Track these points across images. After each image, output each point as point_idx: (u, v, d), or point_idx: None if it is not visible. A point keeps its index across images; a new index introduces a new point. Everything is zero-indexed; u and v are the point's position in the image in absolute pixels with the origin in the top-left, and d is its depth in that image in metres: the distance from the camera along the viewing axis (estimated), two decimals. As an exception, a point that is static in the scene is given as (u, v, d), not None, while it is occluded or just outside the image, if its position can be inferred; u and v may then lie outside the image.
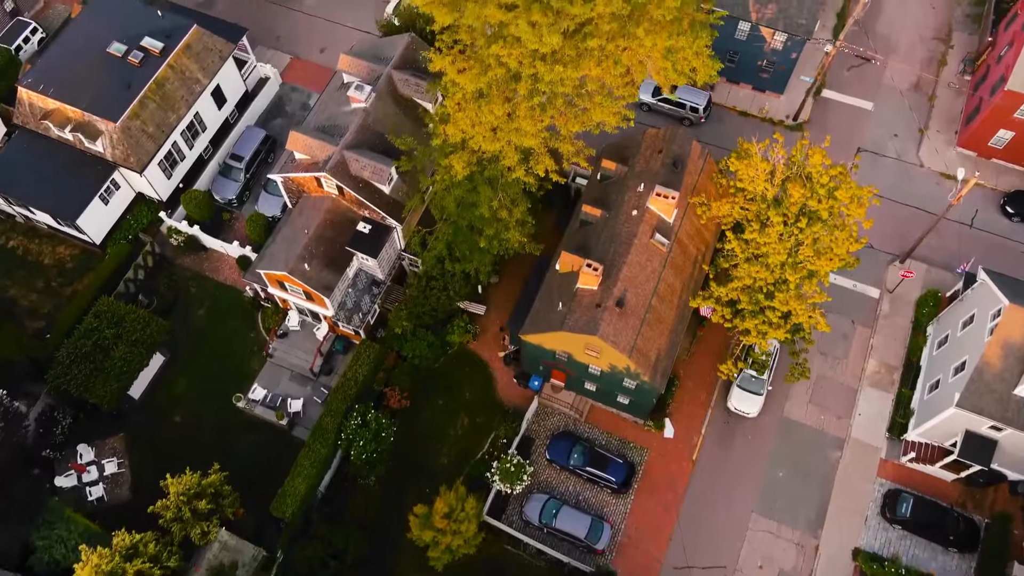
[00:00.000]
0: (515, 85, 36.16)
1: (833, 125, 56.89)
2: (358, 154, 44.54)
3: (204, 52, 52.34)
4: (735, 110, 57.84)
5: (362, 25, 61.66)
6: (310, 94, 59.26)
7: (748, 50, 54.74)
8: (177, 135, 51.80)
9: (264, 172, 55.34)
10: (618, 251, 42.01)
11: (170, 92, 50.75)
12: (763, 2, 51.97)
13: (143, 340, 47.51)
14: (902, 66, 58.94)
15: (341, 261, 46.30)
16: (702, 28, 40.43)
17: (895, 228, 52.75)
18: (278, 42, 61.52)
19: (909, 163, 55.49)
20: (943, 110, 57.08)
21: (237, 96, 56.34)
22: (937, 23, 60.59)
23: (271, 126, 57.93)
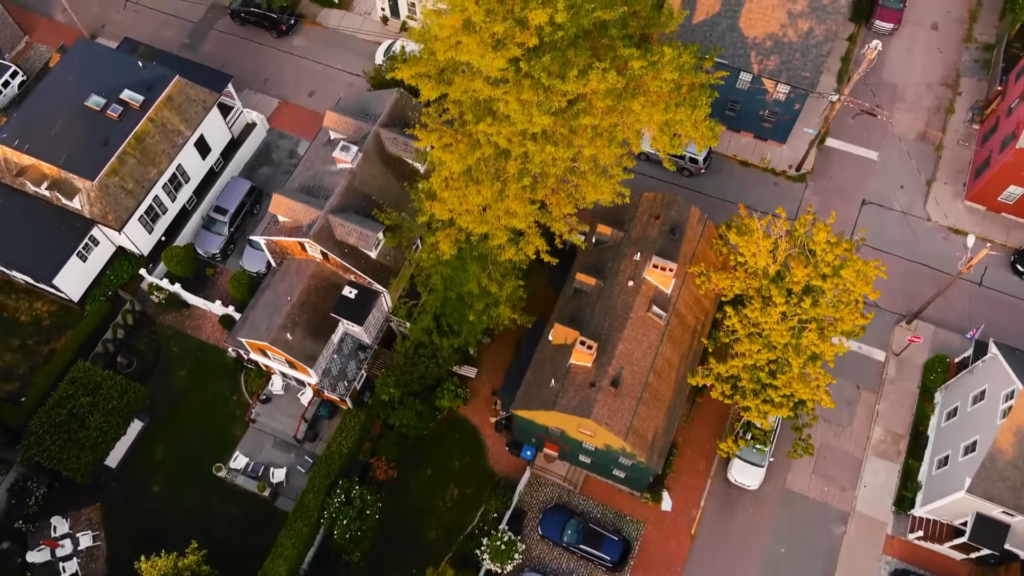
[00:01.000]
0: (504, 163, 34.39)
1: (837, 176, 55.16)
2: (343, 219, 42.77)
3: (187, 103, 50.58)
4: (736, 159, 56.04)
5: (352, 67, 59.95)
6: (298, 141, 57.50)
7: (750, 100, 52.96)
8: (158, 189, 50.05)
9: (249, 224, 53.66)
10: (613, 325, 40.20)
11: (150, 146, 48.99)
12: (765, 54, 50.20)
13: (120, 409, 45.73)
14: (908, 114, 57.14)
15: (326, 328, 44.52)
16: (702, 93, 38.77)
17: (901, 286, 50.94)
18: (266, 85, 59.77)
19: (916, 216, 53.67)
20: (951, 160, 55.28)
21: (222, 144, 54.60)
22: (944, 68, 58.80)
23: (257, 175, 56.18)
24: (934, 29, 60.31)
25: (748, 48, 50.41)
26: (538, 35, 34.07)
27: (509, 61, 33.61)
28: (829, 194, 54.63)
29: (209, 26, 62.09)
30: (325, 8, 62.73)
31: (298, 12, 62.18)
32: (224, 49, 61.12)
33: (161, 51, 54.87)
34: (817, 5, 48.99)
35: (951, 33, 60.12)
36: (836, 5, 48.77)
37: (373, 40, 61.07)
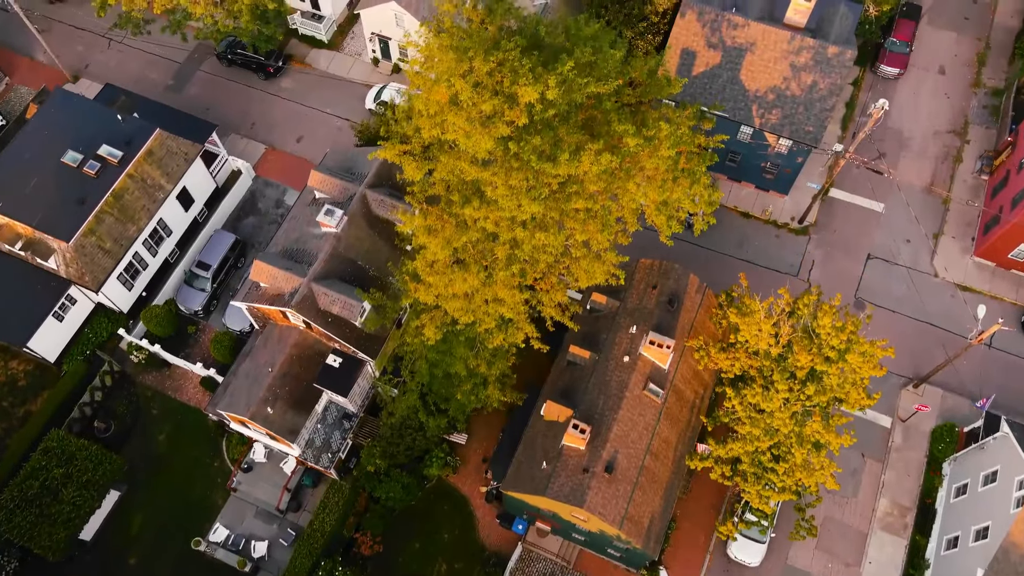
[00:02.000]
0: (492, 247, 32.60)
1: (841, 228, 53.36)
2: (327, 287, 40.98)
3: (168, 156, 48.82)
4: (736, 211, 54.23)
5: (341, 111, 58.19)
6: (285, 189, 55.72)
7: (751, 152, 51.18)
8: (138, 245, 48.26)
9: (233, 277, 51.92)
10: (608, 404, 38.40)
11: (129, 203, 47.23)
12: (767, 107, 48.44)
13: (95, 482, 43.94)
14: (915, 163, 55.34)
15: (309, 399, 42.74)
16: (701, 162, 37.06)
17: (908, 346, 49.12)
18: (252, 130, 57.99)
19: (922, 272, 51.85)
20: (959, 213, 53.46)
21: (206, 195, 52.80)
22: (952, 115, 57.00)
23: (243, 225, 54.41)
24: (941, 73, 58.54)
25: (749, 101, 48.64)
26: (528, 112, 32.32)
27: (498, 141, 31.83)
28: (833, 248, 52.84)
29: (195, 67, 60.33)
30: (315, 49, 60.98)
31: (286, 53, 60.43)
32: (210, 91, 59.37)
33: (143, 98, 53.00)
34: (821, 58, 47.24)
35: (959, 77, 58.35)
36: (841, 59, 47.00)
37: (363, 83, 59.35)
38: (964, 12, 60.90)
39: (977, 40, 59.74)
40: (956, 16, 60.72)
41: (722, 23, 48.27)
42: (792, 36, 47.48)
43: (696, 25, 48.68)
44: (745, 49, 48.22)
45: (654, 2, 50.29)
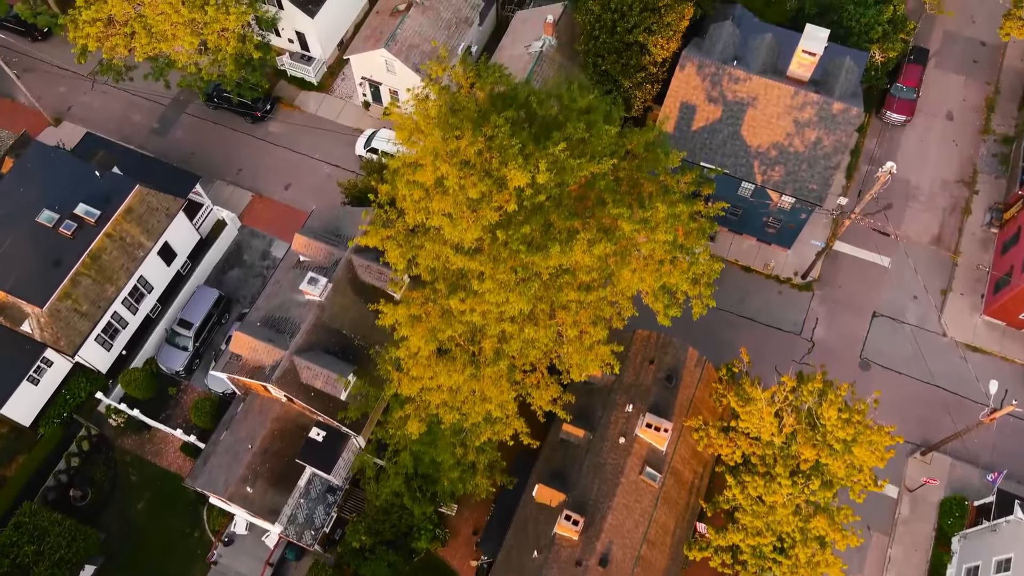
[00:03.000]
0: (480, 339, 30.87)
1: (846, 284, 51.58)
2: (310, 360, 39.25)
3: (148, 213, 47.13)
4: (737, 264, 52.45)
5: (331, 157, 56.50)
6: (272, 240, 53.96)
7: (752, 206, 49.42)
8: (117, 305, 46.57)
9: (217, 335, 50.21)
10: (603, 490, 36.63)
11: (107, 263, 45.53)
12: (769, 164, 46.69)
13: (68, 559, 42.17)
14: (922, 214, 53.58)
15: (291, 474, 41.03)
16: (700, 235, 35.36)
17: (915, 411, 47.40)
18: (239, 176, 56.27)
19: (930, 331, 50.05)
20: (968, 268, 51.65)
21: (189, 247, 51.09)
22: (960, 163, 55.22)
23: (227, 278, 52.67)
24: (949, 119, 56.77)
25: (751, 157, 46.89)
26: (518, 197, 30.62)
27: (485, 228, 30.11)
28: (837, 305, 51.05)
29: (180, 110, 58.60)
30: (304, 91, 59.27)
31: (275, 95, 58.70)
32: (196, 135, 57.66)
33: (124, 148, 51.34)
34: (826, 115, 45.51)
35: (967, 124, 56.58)
36: (846, 116, 45.27)
37: (354, 128, 57.63)
38: (972, 55, 59.14)
39: (986, 84, 57.98)
40: (964, 59, 58.97)
41: (723, 77, 46.56)
42: (795, 91, 45.75)
43: (696, 78, 46.96)
44: (747, 104, 46.49)
45: (652, 52, 48.53)
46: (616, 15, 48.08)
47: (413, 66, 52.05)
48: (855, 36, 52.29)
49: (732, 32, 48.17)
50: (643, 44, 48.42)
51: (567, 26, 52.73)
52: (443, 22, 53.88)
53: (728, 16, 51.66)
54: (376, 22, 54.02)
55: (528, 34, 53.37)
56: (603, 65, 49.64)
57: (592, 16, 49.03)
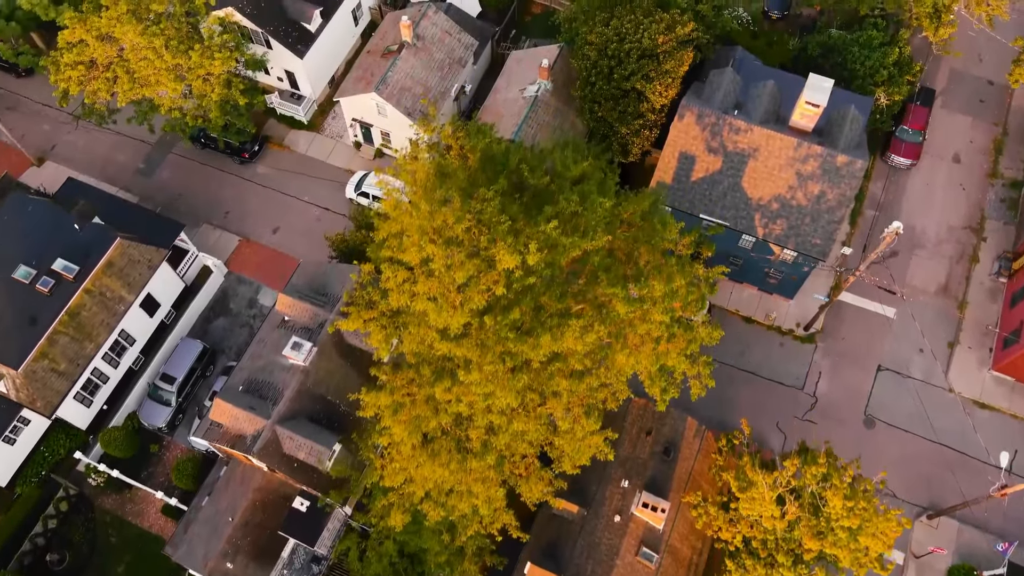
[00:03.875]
0: (466, 429, 29.36)
1: (849, 336, 50.03)
2: (293, 430, 37.78)
3: (130, 266, 45.65)
4: (738, 314, 50.91)
5: (321, 199, 55.03)
6: (259, 287, 52.43)
7: (753, 258, 47.90)
8: (97, 361, 45.09)
9: (202, 388, 48.70)
10: (597, 572, 35.05)
11: (86, 320, 44.05)
12: (771, 217, 45.19)
13: (42, 633, 40.75)
14: (928, 262, 52.03)
15: (274, 546, 39.51)
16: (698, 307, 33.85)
17: (921, 471, 45.93)
18: (226, 219, 54.78)
19: (937, 386, 48.48)
20: (976, 319, 50.11)
21: (173, 297, 49.64)
22: (968, 208, 53.68)
23: (213, 327, 51.17)
24: (956, 162, 55.24)
25: (752, 209, 45.38)
26: (507, 279, 29.11)
27: (472, 313, 28.61)
28: (841, 358, 49.51)
29: (167, 149, 57.13)
30: (294, 130, 57.79)
31: (264, 134, 57.21)
32: (182, 176, 56.19)
33: (106, 195, 49.77)
34: (830, 167, 44.01)
35: (975, 167, 55.05)
36: (851, 169, 43.77)
37: (344, 168, 56.15)
38: (979, 94, 57.63)
39: (994, 125, 56.45)
40: (971, 98, 57.45)
41: (723, 127, 45.05)
42: (798, 143, 44.25)
43: (695, 128, 45.45)
44: (748, 155, 44.98)
45: (650, 99, 47.01)
46: (613, 61, 46.59)
47: (404, 110, 50.58)
48: (859, 79, 50.80)
49: (733, 79, 46.69)
50: (641, 91, 46.92)
51: (563, 68, 51.25)
52: (436, 63, 52.41)
53: (729, 59, 50.21)
54: (367, 62, 52.55)
55: (523, 76, 51.88)
56: (600, 111, 48.16)
57: (588, 62, 47.54)
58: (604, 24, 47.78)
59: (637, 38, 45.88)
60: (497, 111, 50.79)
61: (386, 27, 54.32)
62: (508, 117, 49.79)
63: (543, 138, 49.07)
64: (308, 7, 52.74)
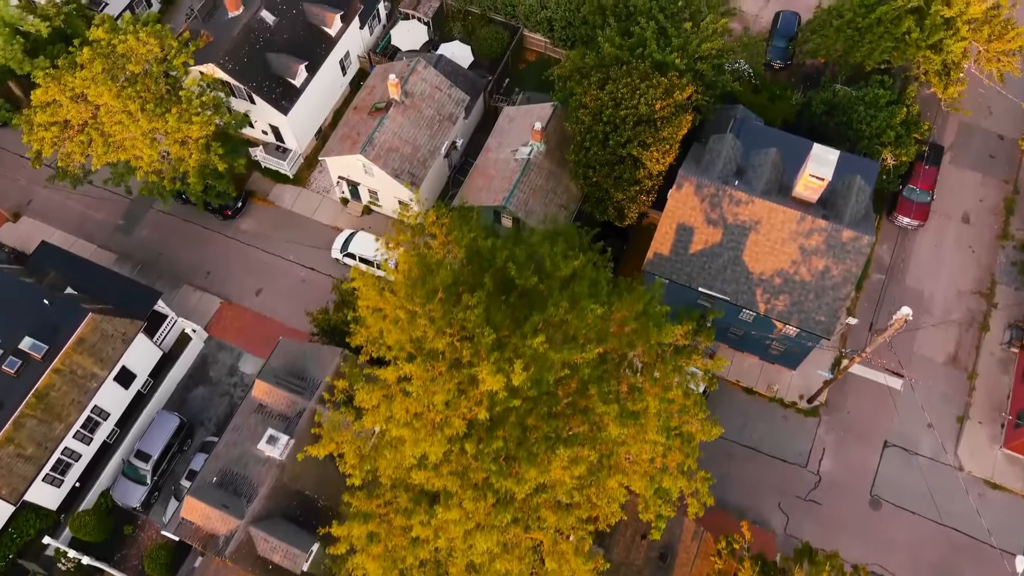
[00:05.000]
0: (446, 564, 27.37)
1: (855, 409, 48.00)
2: (268, 530, 35.81)
3: (103, 341, 43.69)
4: (739, 385, 48.89)
5: (306, 259, 53.09)
6: (240, 353, 50.45)
7: (757, 323, 45.86)
8: (68, 440, 43.17)
9: (179, 463, 46.73)
10: None
11: (56, 400, 42.10)
12: (773, 292, 43.17)
13: None
14: (936, 330, 49.97)
15: (248, 650, 37.45)
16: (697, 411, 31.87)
17: (929, 555, 43.93)
18: (207, 280, 52.80)
19: (946, 464, 46.44)
20: (987, 392, 48.06)
21: (151, 366, 47.75)
22: (978, 272, 51.63)
23: (191, 397, 49.18)
24: (965, 222, 53.22)
25: (753, 284, 43.37)
26: (490, 400, 27.14)
27: (452, 439, 26.64)
28: (846, 432, 47.46)
29: (147, 205, 55.15)
30: (279, 184, 55.84)
31: (248, 189, 55.26)
32: (163, 233, 54.24)
33: (81, 261, 47.81)
34: (835, 243, 42.00)
35: (985, 227, 53.02)
36: (857, 244, 41.76)
37: (331, 226, 54.18)
38: (989, 149, 55.61)
39: (1004, 182, 54.44)
40: (981, 153, 55.44)
41: (723, 198, 43.07)
42: (801, 216, 42.25)
43: (694, 199, 43.47)
44: (749, 227, 42.98)
45: (647, 166, 45.02)
46: (608, 127, 44.63)
47: (392, 171, 48.66)
48: (865, 140, 48.85)
49: (733, 145, 44.67)
50: (637, 158, 44.94)
51: (557, 128, 49.27)
52: (425, 121, 50.44)
53: (730, 119, 48.28)
54: (354, 120, 50.59)
55: (515, 135, 49.90)
56: (595, 177, 46.18)
57: (583, 126, 45.56)
58: (599, 87, 45.83)
59: (633, 104, 43.90)
60: (488, 173, 48.83)
61: (374, 81, 52.39)
62: (499, 180, 47.83)
63: (535, 203, 47.16)
64: (293, 62, 50.81)
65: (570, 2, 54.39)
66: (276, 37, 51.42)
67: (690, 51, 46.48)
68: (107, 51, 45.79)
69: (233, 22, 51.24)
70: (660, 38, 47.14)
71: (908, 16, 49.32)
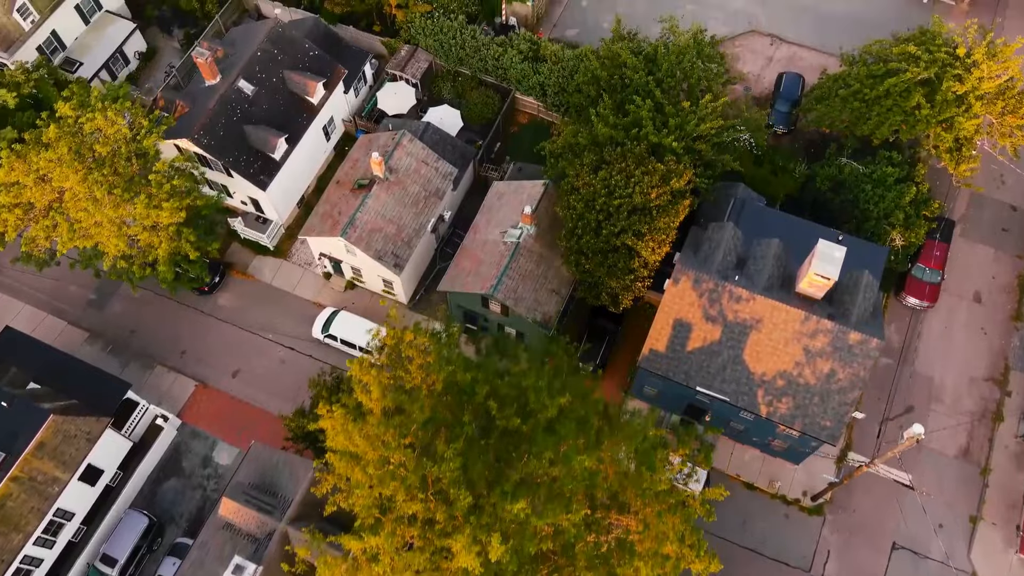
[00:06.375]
0: None
1: (861, 507, 45.52)
2: (232, 670, 33.32)
3: (65, 443, 41.29)
4: (739, 480, 46.38)
5: (286, 337, 50.70)
6: (215, 442, 48.00)
7: (757, 427, 43.47)
8: (28, 548, 40.71)
9: (148, 563, 44.32)
10: None
11: (14, 510, 39.69)
12: (775, 394, 40.73)
13: None
14: (947, 420, 47.48)
15: None
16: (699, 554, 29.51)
17: (942, 674, 41.41)
18: (182, 360, 50.39)
19: (958, 570, 43.93)
20: (1001, 489, 45.58)
21: (119, 459, 45.35)
22: (991, 356, 49.13)
23: (163, 491, 46.73)
24: (977, 301, 50.74)
25: (755, 385, 40.94)
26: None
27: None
28: (852, 533, 44.98)
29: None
30: (259, 256, 53.43)
31: (226, 261, 52.87)
32: (136, 309, 51.82)
33: (46, 349, 45.28)
34: (841, 344, 39.58)
35: (997, 307, 50.55)
36: (865, 348, 39.33)
37: (313, 301, 51.75)
38: (1002, 222, 53.18)
39: (1017, 258, 51.97)
40: (994, 227, 53.01)
41: (722, 294, 40.68)
42: (806, 316, 39.85)
43: (691, 294, 41.08)
44: (750, 326, 40.57)
45: (642, 254, 42.56)
46: (601, 215, 42.21)
47: (375, 254, 46.28)
48: (873, 221, 46.45)
49: (733, 235, 42.39)
50: (632, 247, 42.49)
51: (548, 207, 46.81)
52: (410, 198, 48.04)
53: (730, 198, 45.89)
54: (335, 196, 48.19)
55: (505, 212, 47.46)
56: (587, 264, 43.70)
57: (574, 212, 43.14)
58: (592, 170, 43.44)
59: (628, 192, 41.47)
60: (475, 255, 46.39)
61: (357, 153, 50.02)
62: (487, 265, 45.39)
63: (525, 289, 44.71)
64: (272, 136, 48.40)
65: (563, 69, 52.06)
66: (254, 108, 49.05)
67: (688, 131, 44.06)
68: (74, 129, 43.48)
69: (210, 91, 48.88)
70: (657, 115, 44.72)
71: (918, 89, 46.88)
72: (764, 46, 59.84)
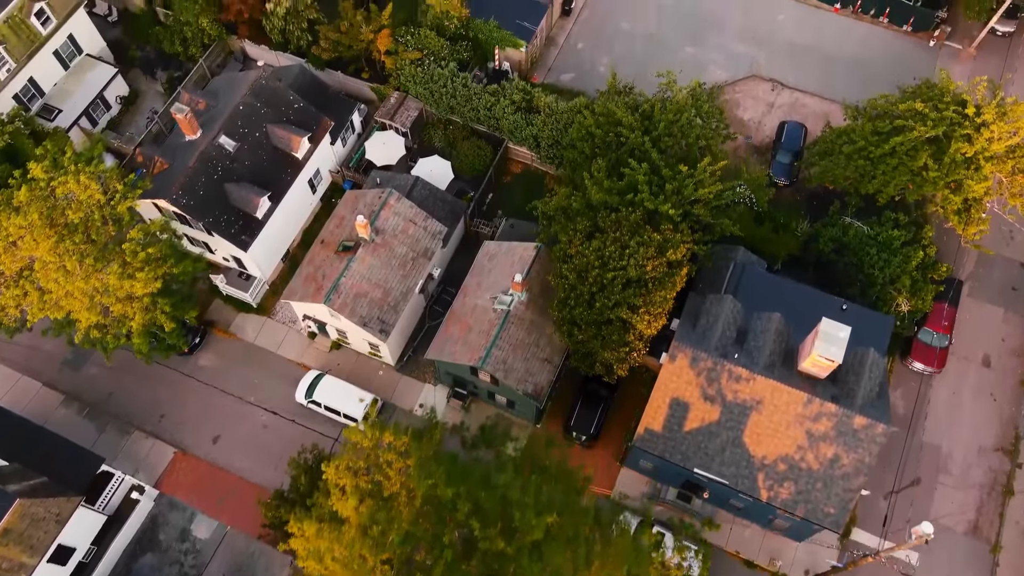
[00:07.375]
0: None
1: (867, 589, 43.67)
2: None
3: (32, 527, 39.44)
4: (738, 557, 44.50)
5: (268, 401, 48.84)
6: (193, 514, 46.02)
7: (756, 507, 41.57)
8: (-7, 638, 38.94)
9: (121, 646, 42.49)
10: None
11: (-24, 601, 37.89)
12: (777, 478, 38.87)
13: None
14: (955, 493, 45.63)
15: None
16: None
17: None
18: (160, 425, 48.52)
19: (968, 655, 42.18)
20: (1013, 569, 43.70)
21: (93, 534, 43.44)
22: (1000, 424, 47.26)
23: (138, 568, 44.72)
24: (986, 366, 48.86)
25: (755, 468, 39.11)
26: None
27: None
28: (856, 616, 43.16)
29: (99, 338, 50.87)
30: (242, 313, 51.57)
31: (207, 320, 51.04)
32: (113, 370, 49.79)
33: (15, 421, 43.41)
34: (845, 429, 37.75)
35: (1007, 372, 48.67)
36: (871, 433, 37.46)
37: (297, 362, 49.89)
38: (1011, 281, 51.30)
39: (1027, 319, 50.18)
40: (1003, 286, 51.13)
41: (721, 373, 38.86)
42: (808, 399, 38.03)
43: (689, 372, 39.25)
44: (750, 407, 38.74)
45: (637, 327, 40.71)
46: (595, 287, 40.36)
47: (360, 320, 44.46)
48: (879, 286, 44.64)
49: (732, 308, 40.56)
50: (626, 320, 40.65)
51: (540, 272, 45.00)
52: (397, 260, 46.21)
53: (729, 262, 44.08)
54: (319, 259, 46.36)
55: (496, 275, 45.62)
56: (580, 335, 41.84)
57: (567, 283, 41.31)
58: (586, 236, 41.64)
59: (622, 264, 39.64)
60: (465, 322, 44.55)
61: (343, 211, 48.18)
62: (476, 333, 43.56)
63: (515, 359, 42.86)
64: (253, 195, 46.62)
65: (556, 122, 50.24)
66: (236, 164, 47.25)
67: (686, 195, 42.23)
68: (46, 193, 41.71)
69: (190, 147, 47.10)
70: (653, 177, 42.90)
71: (925, 148, 45.11)
72: (765, 91, 57.99)
